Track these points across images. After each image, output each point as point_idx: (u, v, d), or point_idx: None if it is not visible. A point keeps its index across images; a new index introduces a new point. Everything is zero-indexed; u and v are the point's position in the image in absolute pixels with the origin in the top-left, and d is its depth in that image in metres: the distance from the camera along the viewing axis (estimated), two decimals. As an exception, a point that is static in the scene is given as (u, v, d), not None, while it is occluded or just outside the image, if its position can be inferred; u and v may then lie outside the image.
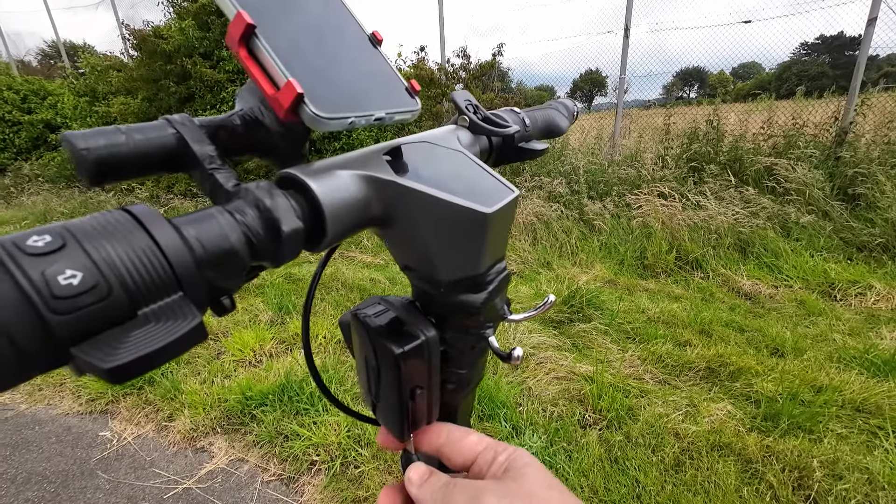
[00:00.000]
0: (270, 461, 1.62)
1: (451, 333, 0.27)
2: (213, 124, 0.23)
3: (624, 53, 4.68)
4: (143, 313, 0.15)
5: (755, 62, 10.11)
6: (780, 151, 3.86)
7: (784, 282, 2.89)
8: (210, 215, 0.18)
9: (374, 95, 0.25)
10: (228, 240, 0.18)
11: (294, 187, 0.22)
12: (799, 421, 1.59)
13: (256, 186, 0.20)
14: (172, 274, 0.15)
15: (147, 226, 0.15)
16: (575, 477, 1.42)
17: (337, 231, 0.23)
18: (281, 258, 0.21)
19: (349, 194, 0.23)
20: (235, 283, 0.19)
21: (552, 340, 2.23)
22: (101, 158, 0.19)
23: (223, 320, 2.61)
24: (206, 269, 0.17)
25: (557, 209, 3.82)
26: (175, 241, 0.16)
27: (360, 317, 0.27)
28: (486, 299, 0.26)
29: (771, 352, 2.11)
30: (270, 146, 0.25)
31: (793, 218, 3.32)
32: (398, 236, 0.26)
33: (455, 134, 0.33)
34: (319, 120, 0.21)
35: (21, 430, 1.88)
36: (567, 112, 0.48)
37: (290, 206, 0.21)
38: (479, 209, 0.23)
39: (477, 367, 0.31)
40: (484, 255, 0.25)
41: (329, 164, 0.24)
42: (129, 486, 1.56)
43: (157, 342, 0.14)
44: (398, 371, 0.25)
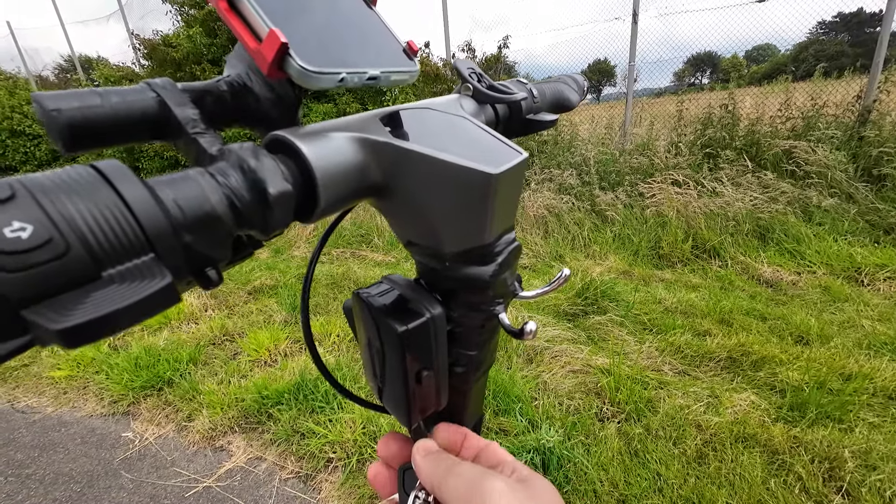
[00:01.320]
0: (288, 459, 1.63)
1: (458, 311, 0.26)
2: (197, 89, 0.22)
3: (633, 40, 4.58)
4: (108, 274, 0.13)
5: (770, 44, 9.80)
6: (800, 134, 3.73)
7: (807, 268, 2.80)
8: (188, 177, 0.17)
9: (368, 53, 0.23)
10: (209, 202, 0.17)
11: (284, 151, 0.21)
12: (827, 410, 1.53)
13: (240, 147, 0.19)
14: (142, 233, 0.14)
15: (114, 182, 0.14)
16: (594, 471, 1.39)
17: (331, 199, 0.21)
18: (270, 225, 0.19)
19: (344, 158, 0.22)
20: (221, 252, 0.18)
21: (567, 333, 2.20)
22: (74, 121, 0.17)
23: (239, 322, 2.64)
24: (183, 233, 0.16)
25: (569, 201, 3.76)
26: (146, 200, 0.14)
27: (362, 297, 0.25)
28: (495, 272, 0.24)
29: (795, 340, 2.04)
30: (260, 114, 0.24)
31: (814, 202, 3.21)
32: (398, 206, 0.24)
33: (458, 102, 0.31)
34: (308, 74, 0.19)
35: (48, 432, 1.94)
36: (577, 86, 0.46)
37: (277, 168, 0.19)
38: (485, 169, 0.21)
39: (488, 349, 0.29)
40: (491, 223, 0.23)
41: (323, 126, 0.23)
42: (152, 485, 1.59)
43: (119, 302, 0.13)
44: (402, 351, 0.24)
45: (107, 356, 2.36)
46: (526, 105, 0.36)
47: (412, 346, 0.24)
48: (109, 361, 2.29)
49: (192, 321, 2.74)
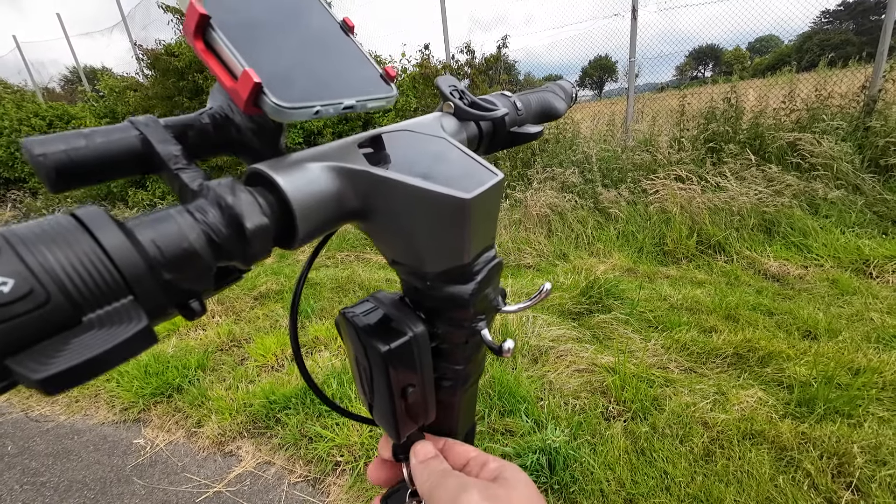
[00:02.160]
0: (296, 463, 1.65)
1: (442, 328, 0.26)
2: (179, 124, 0.23)
3: (632, 36, 4.56)
4: (88, 319, 0.14)
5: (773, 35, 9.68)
6: (804, 126, 3.69)
7: (814, 261, 2.77)
8: (168, 216, 0.18)
9: (342, 83, 0.23)
10: (187, 239, 0.17)
11: (262, 184, 0.22)
12: (836, 405, 1.52)
13: (218, 184, 0.20)
14: (120, 277, 0.15)
15: (92, 229, 0.15)
16: (600, 470, 1.39)
17: (309, 227, 0.22)
18: (250, 257, 0.20)
19: (320, 188, 0.22)
20: (203, 285, 0.18)
21: (571, 333, 2.20)
22: (60, 164, 0.18)
23: (245, 328, 2.67)
24: (162, 272, 0.16)
25: (571, 199, 3.75)
26: (122, 244, 0.15)
27: (347, 316, 0.26)
28: (475, 290, 0.25)
29: (803, 334, 2.02)
30: (243, 143, 0.24)
31: (820, 194, 3.17)
32: (379, 229, 0.25)
33: (439, 121, 0.32)
34: (282, 110, 0.20)
35: (61, 439, 1.97)
36: (564, 94, 0.46)
37: (254, 202, 0.20)
38: (457, 195, 0.21)
39: (474, 362, 0.29)
40: (468, 244, 0.24)
41: (300, 157, 0.24)
42: (163, 491, 1.61)
43: (96, 348, 0.13)
44: (386, 369, 0.25)
45: (117, 364, 2.39)
46: (510, 119, 0.37)
47: (396, 363, 0.25)
48: (119, 369, 2.32)
49: (199, 328, 2.77)
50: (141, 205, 6.05)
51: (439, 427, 0.31)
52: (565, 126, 4.66)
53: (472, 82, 5.07)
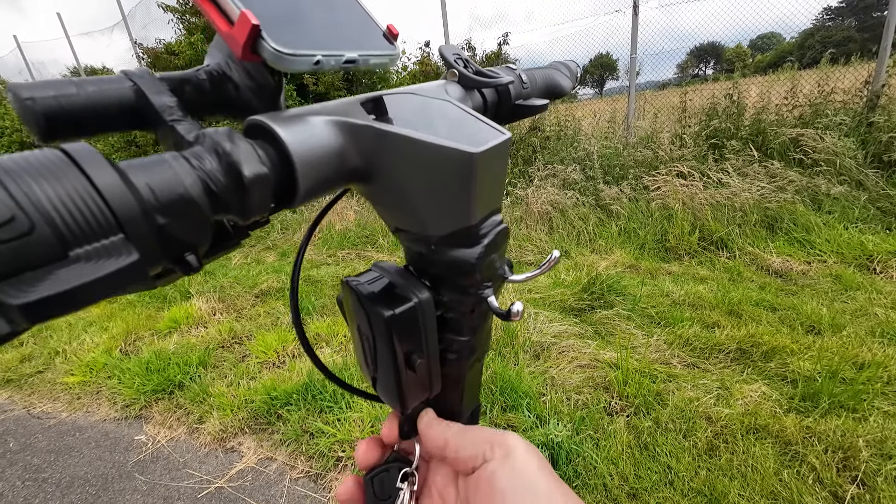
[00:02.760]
0: (298, 459, 1.64)
1: (447, 296, 0.26)
2: (175, 78, 0.22)
3: (634, 32, 4.54)
4: (75, 254, 0.13)
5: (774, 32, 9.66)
6: (807, 121, 3.67)
7: (817, 257, 2.75)
8: (162, 160, 0.17)
9: (345, 36, 0.22)
10: (183, 185, 0.17)
11: (262, 136, 0.21)
12: (841, 400, 1.51)
13: (215, 132, 0.19)
14: (112, 215, 0.14)
15: (83, 166, 0.14)
16: (604, 465, 1.38)
17: (311, 183, 0.21)
18: (248, 209, 0.19)
19: (323, 142, 0.21)
20: (199, 237, 0.18)
21: (573, 328, 2.19)
22: (50, 110, 0.18)
23: (247, 325, 2.67)
24: (156, 216, 0.16)
25: (573, 196, 3.74)
26: (115, 183, 0.14)
27: (351, 284, 0.25)
28: (481, 254, 0.24)
29: (806, 330, 2.01)
30: (242, 103, 0.24)
31: (823, 190, 3.16)
32: (382, 191, 0.24)
33: (444, 88, 0.31)
34: (281, 56, 0.19)
35: (63, 436, 1.97)
36: (569, 73, 0.46)
37: (252, 151, 0.19)
38: (465, 149, 0.21)
39: (480, 334, 0.29)
40: (475, 204, 0.23)
41: (302, 110, 0.23)
42: (165, 486, 1.61)
43: (83, 278, 0.13)
44: (390, 336, 0.24)
45: (119, 361, 2.40)
46: (515, 90, 0.36)
47: (400, 330, 0.24)
48: (121, 366, 2.32)
49: (200, 325, 2.77)
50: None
51: (444, 403, 0.30)
52: (567, 123, 4.65)
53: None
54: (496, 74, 0.34)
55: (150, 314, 3.00)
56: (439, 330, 0.26)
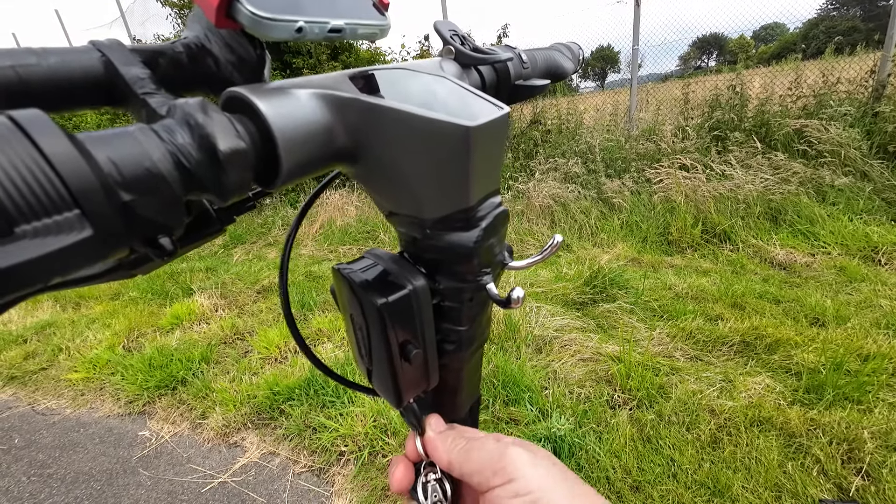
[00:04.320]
0: (301, 453, 1.64)
1: (444, 283, 0.24)
2: (149, 50, 0.21)
3: (636, 24, 4.49)
4: (21, 230, 0.12)
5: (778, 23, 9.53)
6: (811, 112, 3.63)
7: (821, 248, 2.73)
8: (127, 133, 0.16)
9: (332, 3, 0.21)
10: (150, 158, 0.15)
11: (241, 109, 0.19)
12: (845, 391, 1.50)
13: (186, 102, 0.17)
14: (64, 188, 0.13)
15: (32, 133, 0.13)
16: (606, 458, 1.38)
17: (294, 161, 0.20)
18: (225, 188, 0.17)
19: (306, 116, 0.20)
20: (171, 218, 0.16)
21: (576, 322, 2.18)
22: (6, 80, 0.16)
23: (249, 321, 2.67)
24: (120, 192, 0.14)
25: (574, 190, 3.72)
26: (69, 152, 0.13)
27: (343, 272, 0.24)
28: (479, 238, 0.23)
29: (811, 322, 1.99)
30: (222, 78, 0.22)
31: (827, 181, 3.13)
32: (373, 171, 0.23)
33: (439, 65, 0.30)
34: (259, 21, 0.17)
35: (68, 432, 1.98)
36: (571, 55, 0.44)
37: (229, 124, 0.17)
38: (461, 122, 0.19)
39: (479, 324, 0.27)
40: (472, 183, 0.21)
41: (286, 82, 0.21)
42: (169, 481, 1.62)
43: (27, 254, 0.12)
44: (384, 325, 0.23)
45: (122, 358, 2.40)
46: (514, 69, 0.35)
47: (394, 319, 0.23)
48: (124, 363, 2.33)
49: (203, 321, 2.77)
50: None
51: (442, 396, 0.30)
52: (568, 116, 4.61)
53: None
54: (494, 52, 0.32)
55: (152, 311, 3.00)
56: (436, 319, 0.25)
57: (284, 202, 5.08)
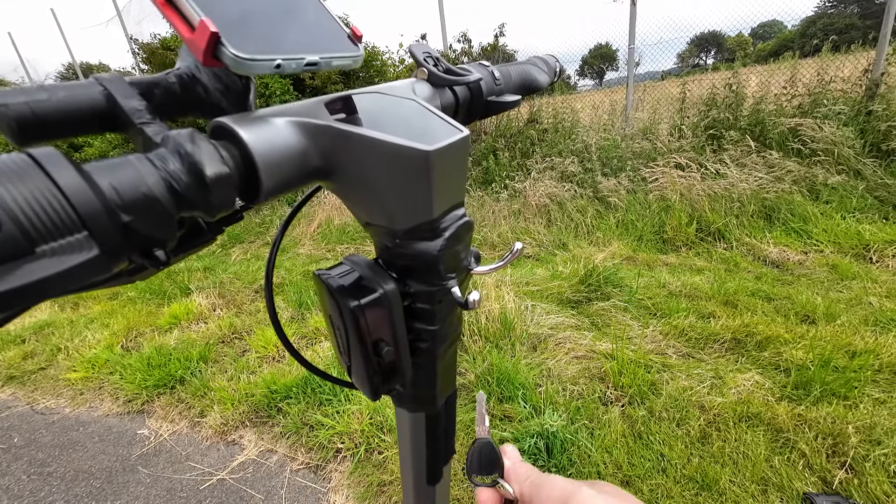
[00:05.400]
0: (298, 451, 1.67)
1: (414, 287, 0.27)
2: (145, 82, 0.23)
3: (632, 22, 4.51)
4: (41, 250, 0.14)
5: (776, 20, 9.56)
6: (806, 111, 3.66)
7: (814, 246, 2.76)
8: (126, 162, 0.18)
9: (306, 39, 0.23)
10: (146, 184, 0.18)
11: (226, 137, 0.22)
12: (832, 387, 1.53)
13: (178, 133, 0.20)
14: (74, 213, 0.15)
15: (47, 168, 0.15)
16: (598, 453, 1.41)
17: (274, 182, 0.22)
18: (212, 206, 0.20)
19: (283, 142, 0.22)
20: (165, 233, 0.19)
21: (570, 320, 2.21)
22: (21, 115, 0.19)
23: (246, 320, 2.69)
24: (120, 214, 0.17)
25: (571, 189, 3.74)
26: (78, 182, 0.16)
27: (322, 277, 0.27)
28: (443, 246, 0.26)
29: (801, 319, 2.02)
30: (211, 104, 0.25)
31: (821, 179, 3.16)
32: (347, 188, 0.26)
33: (412, 87, 0.32)
34: (240, 62, 0.20)
35: (67, 431, 2.00)
36: (547, 68, 0.46)
37: (214, 152, 0.20)
38: (420, 147, 0.22)
39: (449, 323, 0.30)
40: (434, 199, 0.24)
41: (265, 112, 0.24)
42: (168, 479, 1.64)
43: (46, 271, 0.14)
44: (357, 325, 0.25)
45: (120, 357, 2.42)
46: (486, 87, 0.37)
47: (367, 320, 0.25)
48: (123, 362, 2.35)
49: (201, 321, 2.79)
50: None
51: (419, 390, 0.32)
52: (564, 116, 4.63)
53: (470, 72, 5.03)
54: (465, 72, 0.34)
55: (150, 310, 3.02)
56: (409, 319, 0.27)
57: (282, 202, 5.09)
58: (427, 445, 0.35)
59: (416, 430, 0.34)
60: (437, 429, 0.34)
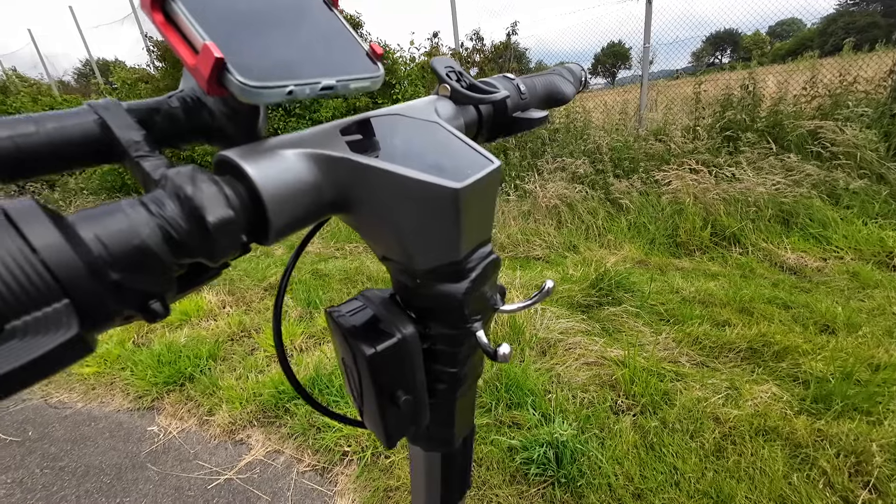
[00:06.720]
0: (305, 452, 1.66)
1: (435, 329, 0.25)
2: (144, 108, 0.21)
3: (647, 20, 4.42)
4: (12, 326, 0.12)
5: (795, 18, 9.33)
6: (826, 113, 3.55)
7: (834, 253, 2.68)
8: (117, 209, 0.16)
9: (322, 60, 0.21)
10: (139, 236, 0.16)
11: (231, 172, 0.20)
12: (854, 402, 1.48)
13: (177, 173, 0.18)
14: (52, 279, 0.13)
15: (20, 225, 0.13)
16: (609, 464, 1.38)
17: (284, 222, 0.20)
18: (216, 253, 0.18)
19: (295, 177, 0.20)
20: (162, 286, 0.17)
21: (580, 325, 2.17)
22: (5, 151, 0.17)
23: (255, 318, 2.70)
24: (109, 272, 0.15)
25: (582, 190, 3.69)
26: (55, 241, 0.13)
27: (333, 316, 0.25)
28: (468, 289, 0.23)
29: (820, 329, 1.96)
30: (217, 130, 0.23)
31: (842, 184, 3.06)
32: (365, 222, 0.23)
33: (433, 105, 0.30)
34: (249, 90, 0.18)
35: (79, 426, 2.02)
36: (573, 78, 0.44)
37: (218, 193, 0.18)
38: (447, 184, 0.19)
39: (471, 365, 0.27)
40: (461, 238, 0.22)
41: (275, 143, 0.22)
42: (176, 477, 1.65)
43: (12, 362, 0.12)
44: (373, 373, 0.23)
45: (131, 353, 2.44)
46: (512, 103, 0.34)
47: (384, 367, 0.23)
48: (134, 358, 2.37)
49: (210, 318, 2.80)
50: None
51: (436, 430, 0.30)
52: (576, 115, 4.57)
53: (480, 70, 4.98)
54: (491, 89, 0.32)
55: (161, 307, 3.05)
56: (427, 361, 0.25)
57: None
58: (442, 483, 0.33)
59: (430, 469, 0.32)
60: (453, 467, 0.32)
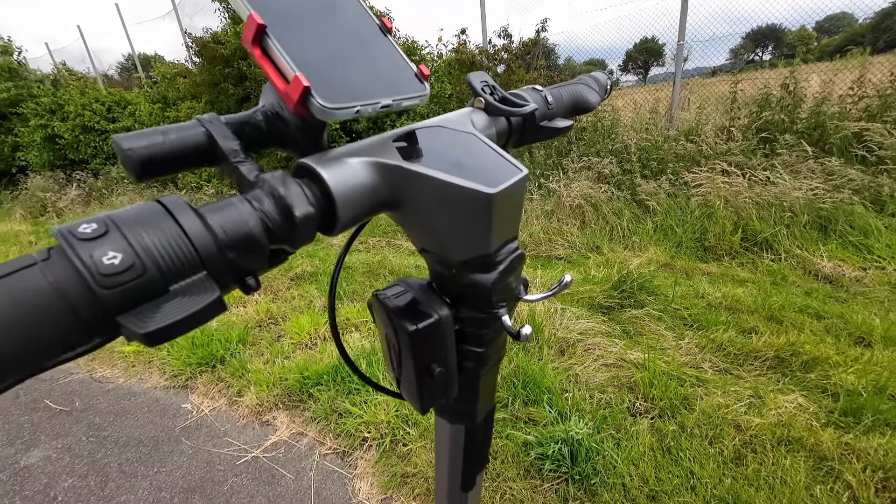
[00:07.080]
0: (327, 436, 1.74)
1: (465, 313, 0.28)
2: (237, 121, 0.26)
3: (683, 16, 4.29)
4: (174, 289, 0.17)
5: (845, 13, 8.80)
6: (874, 114, 3.37)
7: (875, 263, 2.56)
8: (231, 204, 0.21)
9: (381, 83, 0.25)
10: (248, 225, 0.20)
11: (308, 176, 0.24)
12: (886, 417, 1.43)
13: (272, 176, 0.22)
14: (196, 255, 0.18)
15: (175, 214, 0.18)
16: (624, 465, 1.39)
17: (349, 216, 0.25)
18: (298, 241, 0.23)
19: (358, 181, 0.25)
20: (258, 264, 0.21)
21: (601, 326, 2.16)
22: (144, 157, 0.22)
23: (282, 306, 2.81)
24: (227, 252, 0.19)
25: (607, 190, 3.64)
26: (199, 228, 0.18)
27: (380, 298, 0.29)
28: (497, 279, 0.27)
29: (855, 341, 1.89)
30: (291, 138, 0.27)
31: (887, 190, 2.91)
32: (410, 219, 0.27)
33: (469, 117, 0.33)
34: (326, 111, 0.22)
35: (120, 400, 2.17)
36: (598, 86, 0.46)
37: (302, 194, 0.22)
38: (482, 190, 0.23)
39: (495, 346, 0.31)
40: (492, 235, 0.25)
41: (342, 152, 0.26)
42: (208, 452, 1.75)
43: (182, 313, 0.17)
44: (413, 347, 0.27)
45: (168, 334, 2.59)
46: (539, 113, 0.38)
47: (423, 343, 0.27)
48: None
49: (240, 304, 2.94)
50: (188, 187, 6.41)
51: (461, 404, 0.33)
52: (604, 114, 4.49)
53: (508, 67, 4.96)
54: (521, 102, 0.35)
55: (195, 292, 3.21)
56: (458, 341, 0.29)
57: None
58: (464, 455, 0.37)
59: (454, 441, 0.36)
60: (475, 440, 0.36)
